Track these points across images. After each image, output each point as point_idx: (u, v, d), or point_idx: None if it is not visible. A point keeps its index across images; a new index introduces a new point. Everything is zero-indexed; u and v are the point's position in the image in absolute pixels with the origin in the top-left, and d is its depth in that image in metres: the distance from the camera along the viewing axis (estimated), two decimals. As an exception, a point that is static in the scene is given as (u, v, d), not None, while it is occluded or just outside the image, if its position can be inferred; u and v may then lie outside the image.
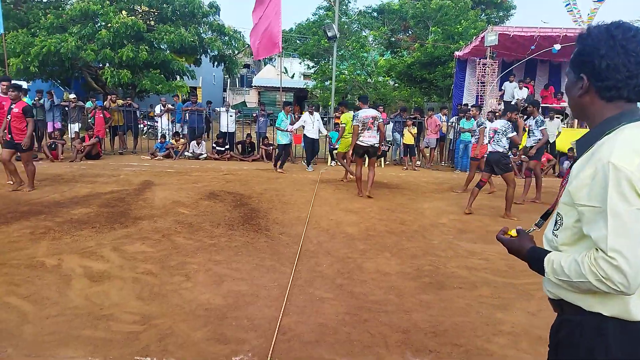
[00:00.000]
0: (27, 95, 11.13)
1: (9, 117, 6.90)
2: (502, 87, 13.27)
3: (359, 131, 7.31)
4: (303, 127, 10.66)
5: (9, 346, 2.68)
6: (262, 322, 3.11)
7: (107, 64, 14.98)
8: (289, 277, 3.89)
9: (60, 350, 2.67)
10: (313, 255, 4.54)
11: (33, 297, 3.32)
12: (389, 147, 12.46)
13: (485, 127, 7.48)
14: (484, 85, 12.32)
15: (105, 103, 12.38)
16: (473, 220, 6.22)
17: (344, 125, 9.03)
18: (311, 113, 10.74)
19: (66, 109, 12.30)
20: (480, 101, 12.42)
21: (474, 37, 13.77)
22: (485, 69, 12.22)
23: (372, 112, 7.42)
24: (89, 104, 12.46)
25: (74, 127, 11.77)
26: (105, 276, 3.76)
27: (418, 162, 12.00)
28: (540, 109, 8.21)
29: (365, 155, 7.70)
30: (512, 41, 12.35)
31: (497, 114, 11.78)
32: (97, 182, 7.84)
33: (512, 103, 12.98)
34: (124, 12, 15.58)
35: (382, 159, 11.94)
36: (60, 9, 16.49)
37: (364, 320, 3.20)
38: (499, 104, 12.75)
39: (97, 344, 2.75)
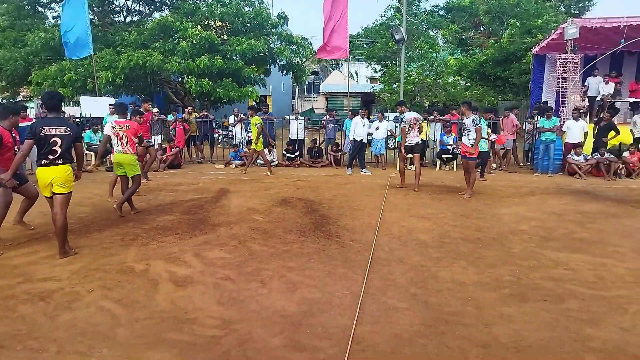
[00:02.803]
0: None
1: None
2: (586, 83, 12.34)
3: (407, 132, 8.32)
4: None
5: (104, 347, 2.91)
6: (336, 330, 3.13)
7: (188, 75, 15.91)
8: (361, 285, 3.88)
9: (150, 352, 2.85)
10: (385, 263, 4.49)
11: (124, 301, 3.59)
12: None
13: (482, 125, 7.90)
14: (565, 81, 11.50)
15: (184, 115, 13.14)
16: (557, 227, 5.83)
17: (258, 126, 10.17)
18: (362, 117, 10.98)
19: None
20: (562, 98, 11.62)
21: (552, 31, 12.93)
22: (566, 64, 11.41)
23: (414, 115, 8.55)
24: (170, 117, 13.29)
25: (157, 139, 12.59)
26: (189, 281, 3.98)
27: (493, 165, 11.47)
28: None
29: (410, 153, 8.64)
30: (595, 33, 11.40)
31: (581, 111, 11.04)
32: (179, 191, 8.33)
33: (597, 99, 12.06)
34: (199, 27, 16.49)
35: (454, 162, 11.56)
36: (141, 26, 17.83)
37: (441, 332, 3.11)
38: (582, 101, 11.88)
39: (182, 347, 2.91)
